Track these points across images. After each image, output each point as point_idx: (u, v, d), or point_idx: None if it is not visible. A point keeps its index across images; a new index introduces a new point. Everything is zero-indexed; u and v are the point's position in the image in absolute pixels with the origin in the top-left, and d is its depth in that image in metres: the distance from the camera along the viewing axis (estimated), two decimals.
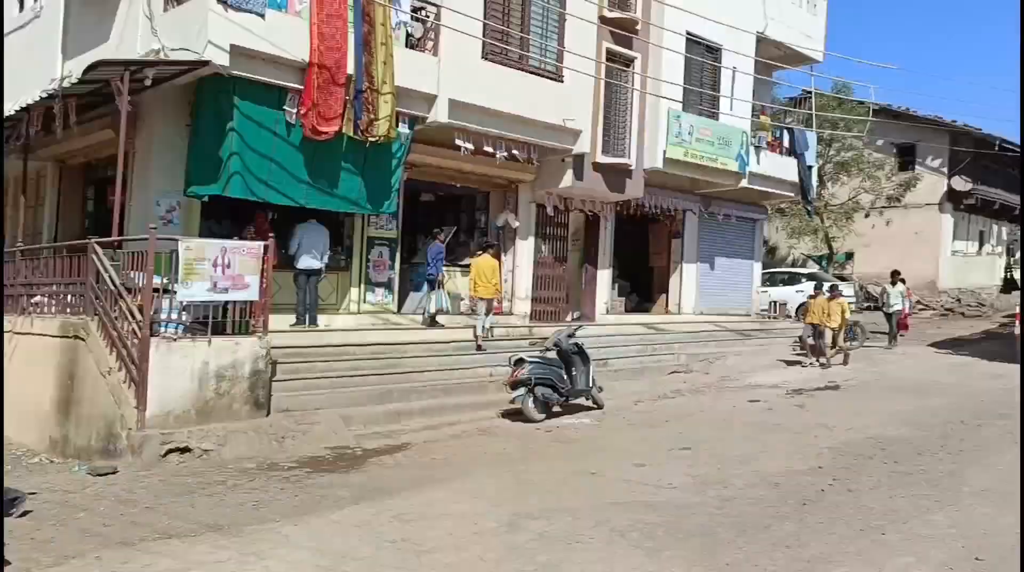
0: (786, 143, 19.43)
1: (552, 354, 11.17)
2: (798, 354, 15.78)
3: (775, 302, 22.09)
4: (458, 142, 12.32)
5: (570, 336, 11.40)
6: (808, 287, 20.91)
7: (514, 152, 13.06)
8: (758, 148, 18.30)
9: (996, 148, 28.89)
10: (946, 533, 5.55)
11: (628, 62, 15.02)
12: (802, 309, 18.95)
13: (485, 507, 6.59)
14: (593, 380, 11.44)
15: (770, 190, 19.39)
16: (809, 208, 21.15)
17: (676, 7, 14.81)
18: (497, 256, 13.45)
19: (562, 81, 13.27)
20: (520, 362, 10.80)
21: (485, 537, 5.77)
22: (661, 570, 5.08)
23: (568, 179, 14.30)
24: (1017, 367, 13.77)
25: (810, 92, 20.86)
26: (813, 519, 6.01)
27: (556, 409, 11.02)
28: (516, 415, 10.74)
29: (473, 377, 12.08)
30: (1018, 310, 15.92)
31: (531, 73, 12.89)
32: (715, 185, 17.81)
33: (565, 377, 10.99)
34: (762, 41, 18.27)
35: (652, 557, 5.30)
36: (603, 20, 14.30)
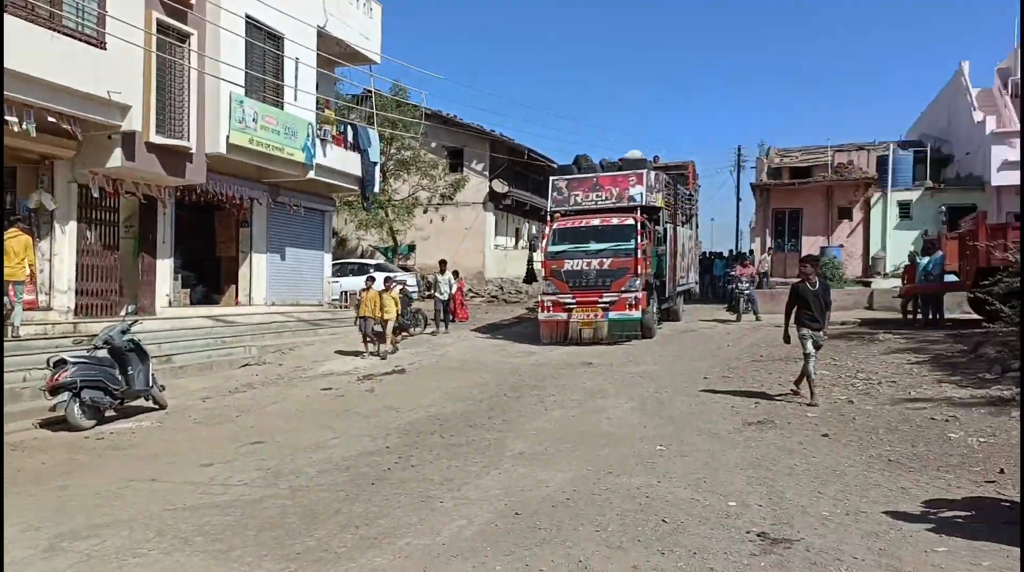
0: (350, 138, 19.94)
1: (103, 353, 9.94)
2: (365, 344, 16.24)
3: (346, 292, 22.72)
4: None
5: (124, 332, 10.24)
6: (379, 277, 21.82)
7: (50, 120, 11.24)
8: (324, 141, 18.48)
9: (526, 157, 33.38)
10: (492, 495, 6.15)
11: (184, 37, 13.90)
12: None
13: (15, 533, 5.57)
14: (153, 378, 10.52)
15: (337, 183, 19.76)
16: (366, 203, 22.02)
17: None
18: (30, 233, 11.56)
19: (104, 48, 11.76)
20: (62, 363, 9.44)
21: (18, 568, 4.88)
22: (229, 571, 4.81)
23: (117, 158, 12.76)
24: (541, 346, 16.12)
25: (371, 91, 21.77)
26: (380, 497, 6.22)
27: (111, 413, 9.92)
28: (61, 424, 9.37)
29: None
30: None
31: (66, 35, 11.16)
32: (283, 175, 17.54)
33: (119, 377, 9.90)
34: (323, 36, 18.52)
35: (220, 559, 4.99)
36: None
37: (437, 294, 19.30)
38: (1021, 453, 3.93)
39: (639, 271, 15.91)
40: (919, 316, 17.40)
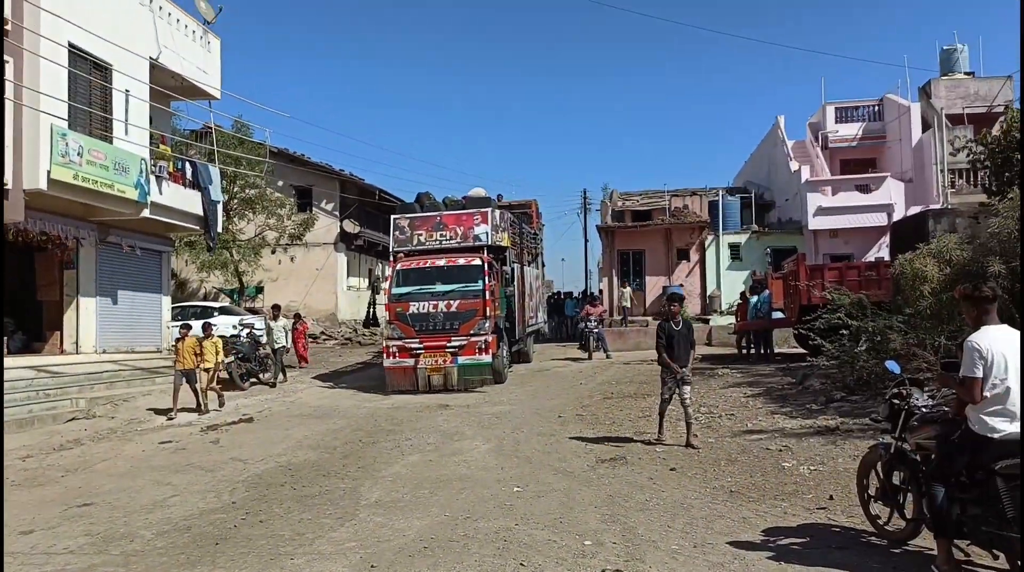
0: (189, 175, 19.03)
1: None
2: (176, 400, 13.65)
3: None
4: None
5: None
6: (226, 321, 20.79)
7: None
8: (160, 178, 17.52)
9: (376, 197, 33.15)
10: (346, 548, 5.91)
11: None
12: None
13: None
14: None
15: (175, 222, 18.74)
16: (211, 243, 21.00)
17: (54, 14, 13.36)
18: None
19: None
20: None
21: None
22: None
23: None
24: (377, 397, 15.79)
25: (211, 127, 20.98)
26: (224, 558, 5.84)
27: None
28: None
29: None
30: None
31: None
32: (114, 213, 16.42)
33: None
34: (157, 68, 17.72)
35: None
36: None
37: (272, 342, 17.97)
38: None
39: (488, 313, 15.36)
40: (752, 351, 18.61)
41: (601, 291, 32.22)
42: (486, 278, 15.54)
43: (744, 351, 19.01)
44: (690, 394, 9.42)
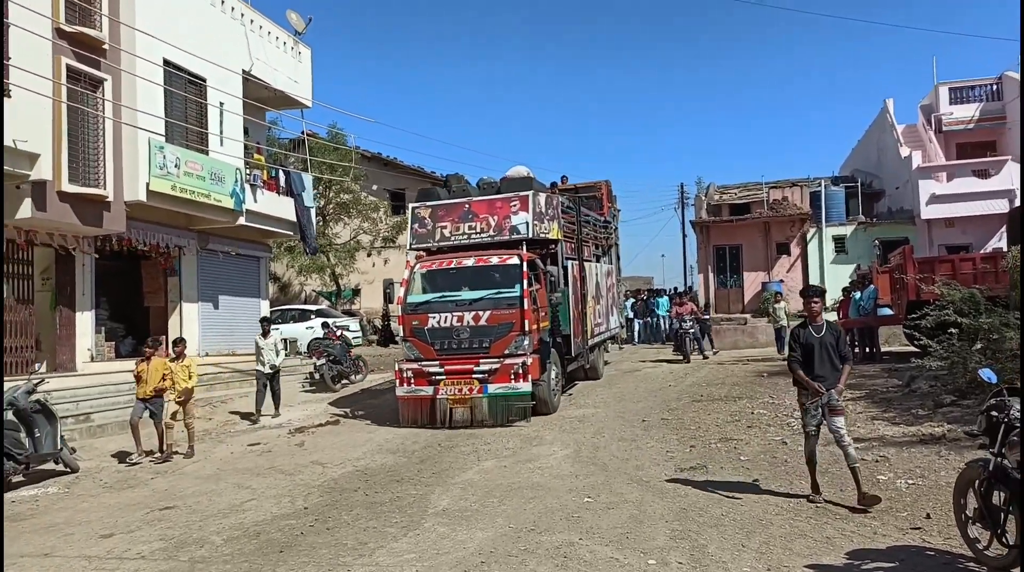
0: (282, 183, 19.59)
1: (7, 415, 9.34)
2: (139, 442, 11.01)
3: (286, 340, 22.09)
4: None
5: (29, 392, 9.68)
6: (317, 324, 21.30)
7: None
8: (254, 186, 18.10)
9: None
10: (404, 560, 5.80)
11: (96, 84, 13.51)
12: (313, 346, 19.04)
13: None
14: (63, 440, 9.96)
15: (270, 228, 19.34)
16: (307, 247, 21.56)
17: (148, 34, 13.93)
18: None
19: (8, 96, 11.31)
20: None
21: None
22: None
23: (27, 209, 12.23)
24: None
25: (305, 135, 21.54)
26: (286, 567, 5.83)
27: (19, 479, 9.31)
28: None
29: None
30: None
31: None
32: (212, 221, 17.09)
33: (26, 441, 9.29)
34: (250, 80, 18.25)
35: None
36: (60, 34, 12.62)
37: (258, 366, 14.20)
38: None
39: (527, 327, 11.81)
40: (856, 350, 17.57)
41: (690, 288, 31.36)
42: (524, 281, 12.04)
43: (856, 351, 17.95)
44: (844, 426, 6.71)
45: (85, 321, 15.08)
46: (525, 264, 12.28)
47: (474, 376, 11.86)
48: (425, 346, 12.23)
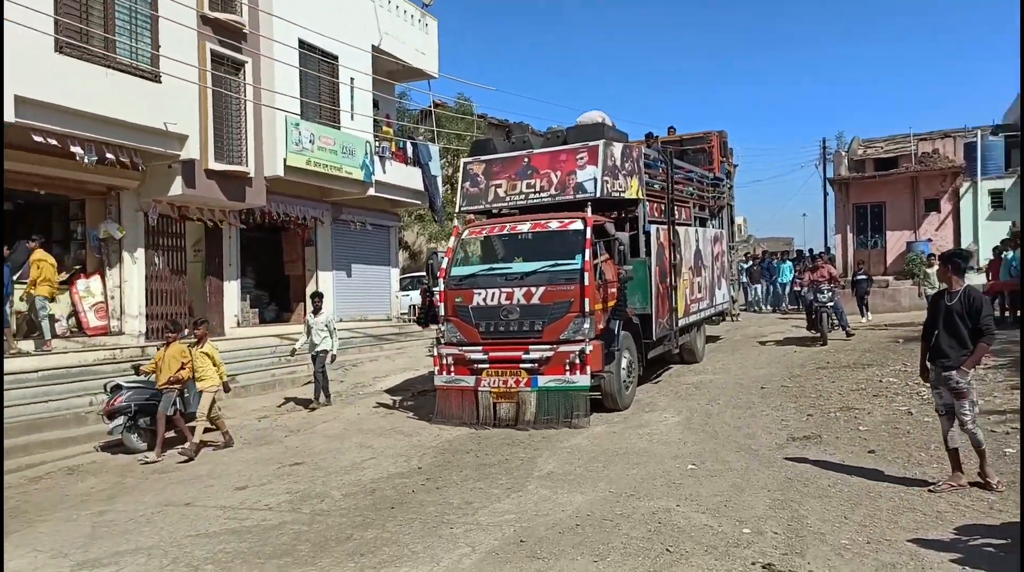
0: (410, 154, 20.19)
1: None
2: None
3: (415, 306, 22.95)
4: (37, 140, 10.80)
5: None
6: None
7: (108, 156, 11.80)
8: (383, 158, 18.77)
9: None
10: (504, 520, 6.03)
11: (238, 66, 14.42)
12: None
13: (44, 560, 5.83)
14: None
15: (399, 198, 20.02)
16: (436, 215, 22.16)
17: (283, 19, 14.64)
18: (46, 248, 12.40)
19: (159, 82, 12.28)
20: (117, 388, 9.93)
21: None
22: None
23: (178, 186, 13.29)
24: None
25: (435, 105, 22.01)
26: (394, 523, 6.20)
27: (171, 434, 10.24)
28: (119, 447, 9.81)
29: (68, 409, 10.85)
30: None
31: (121, 71, 11.67)
32: (343, 193, 17.91)
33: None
34: (379, 54, 18.80)
35: None
36: (205, 20, 13.52)
37: (310, 347, 12.53)
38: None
39: (587, 307, 9.73)
40: (1007, 314, 16.28)
41: (828, 249, 29.77)
42: (588, 251, 9.91)
43: (997, 314, 16.63)
44: (969, 410, 6.05)
45: (232, 289, 16.28)
46: (590, 230, 10.14)
47: (522, 365, 9.90)
48: (468, 328, 10.33)
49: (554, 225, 10.52)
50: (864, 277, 19.79)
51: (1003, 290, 16.17)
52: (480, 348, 10.19)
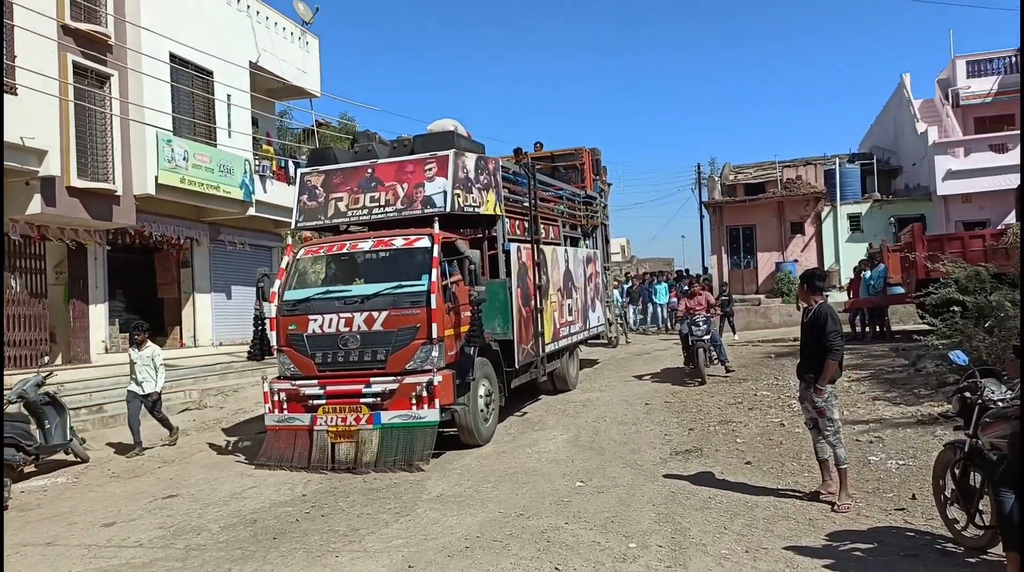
0: (292, 173, 19.72)
1: (15, 408, 9.58)
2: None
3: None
4: None
5: (38, 385, 9.88)
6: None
7: None
8: (264, 177, 18.28)
9: None
10: (393, 546, 5.90)
11: (103, 79, 13.70)
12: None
13: None
14: (72, 431, 10.13)
15: (281, 218, 19.50)
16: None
17: (152, 31, 14.07)
18: None
19: (15, 94, 11.52)
20: None
21: None
22: None
23: (37, 204, 12.46)
24: None
25: (318, 124, 21.64)
26: (276, 554, 5.95)
27: (29, 470, 9.50)
28: None
29: None
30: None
31: None
32: (222, 213, 17.30)
33: (35, 433, 9.51)
34: (257, 71, 18.35)
35: None
36: (66, 30, 12.80)
37: (131, 386, 10.76)
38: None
39: (435, 333, 8.70)
40: (865, 330, 17.46)
41: (703, 271, 31.10)
42: (435, 271, 8.90)
43: (858, 329, 17.83)
44: (830, 427, 6.19)
45: (99, 313, 15.36)
46: (438, 247, 9.09)
47: (362, 401, 8.83)
48: (303, 359, 9.20)
49: (399, 242, 9.46)
50: (726, 298, 19.26)
51: (862, 307, 17.33)
52: (316, 382, 9.07)
